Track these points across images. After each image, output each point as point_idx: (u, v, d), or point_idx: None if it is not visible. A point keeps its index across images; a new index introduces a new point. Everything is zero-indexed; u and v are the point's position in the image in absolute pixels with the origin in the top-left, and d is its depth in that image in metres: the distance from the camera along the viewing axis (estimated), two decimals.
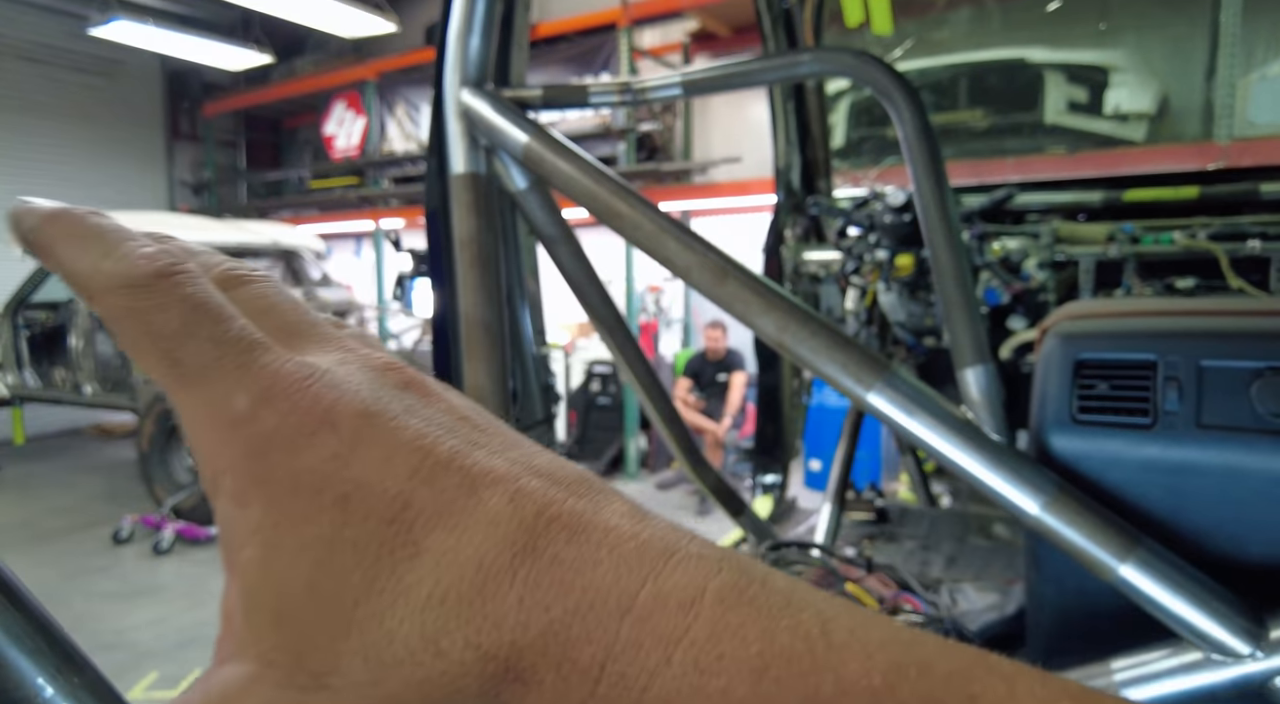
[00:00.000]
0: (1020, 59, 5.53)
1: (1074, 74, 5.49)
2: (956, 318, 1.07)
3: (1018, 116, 5.58)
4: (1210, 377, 0.95)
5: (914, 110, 1.10)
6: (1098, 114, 5.51)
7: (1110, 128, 5.50)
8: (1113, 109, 5.49)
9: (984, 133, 5.76)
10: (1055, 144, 5.57)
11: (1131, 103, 5.48)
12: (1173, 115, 5.72)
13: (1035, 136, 5.60)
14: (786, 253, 2.72)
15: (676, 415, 1.78)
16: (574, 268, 1.48)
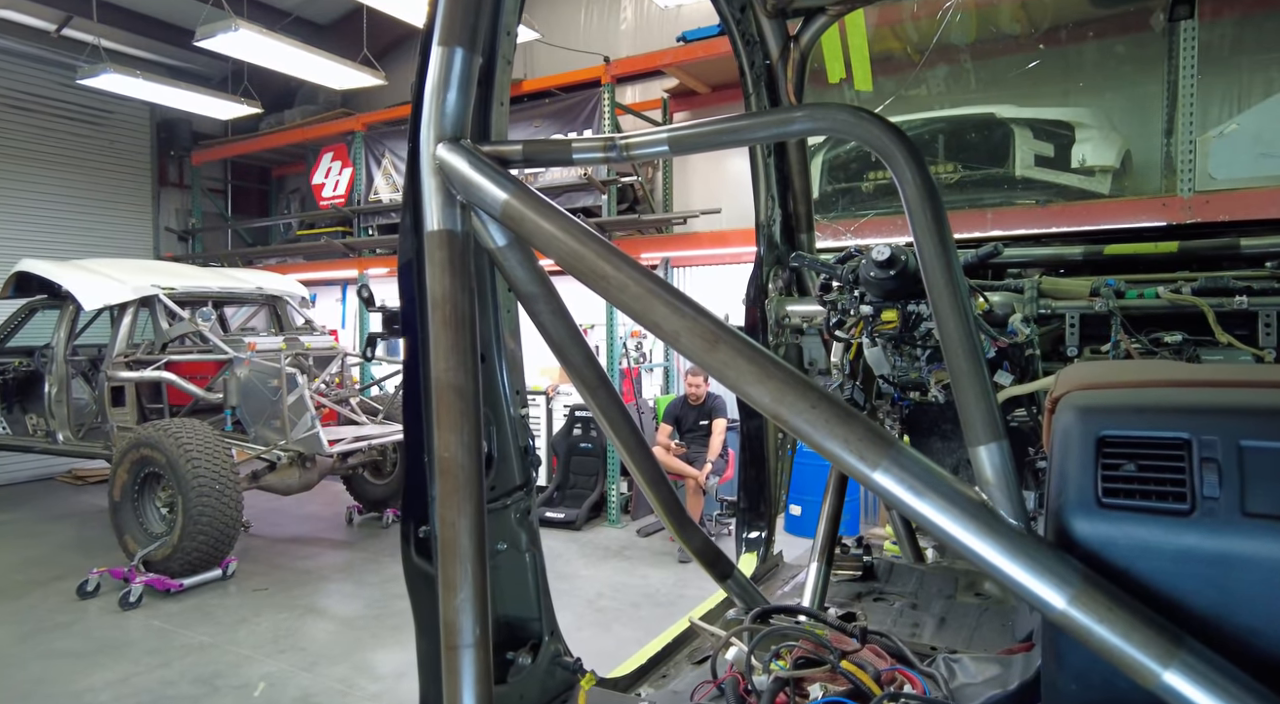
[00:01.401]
0: (991, 115, 5.68)
1: (1041, 130, 5.64)
2: (968, 391, 0.99)
3: (989, 170, 5.72)
4: (1253, 458, 0.86)
5: (916, 167, 1.05)
6: (1065, 168, 5.65)
7: (1077, 181, 5.65)
8: (1079, 163, 5.64)
9: (957, 185, 5.88)
10: (1025, 197, 5.70)
11: (1096, 157, 5.64)
12: (1137, 170, 5.89)
13: (1007, 190, 5.73)
14: (769, 305, 2.70)
15: (661, 477, 1.73)
16: (555, 326, 1.44)
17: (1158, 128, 5.79)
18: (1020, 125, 5.75)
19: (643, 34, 9.20)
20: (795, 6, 2.05)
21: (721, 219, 7.79)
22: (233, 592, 5.75)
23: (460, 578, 1.14)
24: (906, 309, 2.25)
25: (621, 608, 5.44)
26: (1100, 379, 1.07)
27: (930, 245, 1.01)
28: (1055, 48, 5.93)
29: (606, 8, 9.59)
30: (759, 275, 2.79)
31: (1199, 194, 5.20)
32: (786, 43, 2.18)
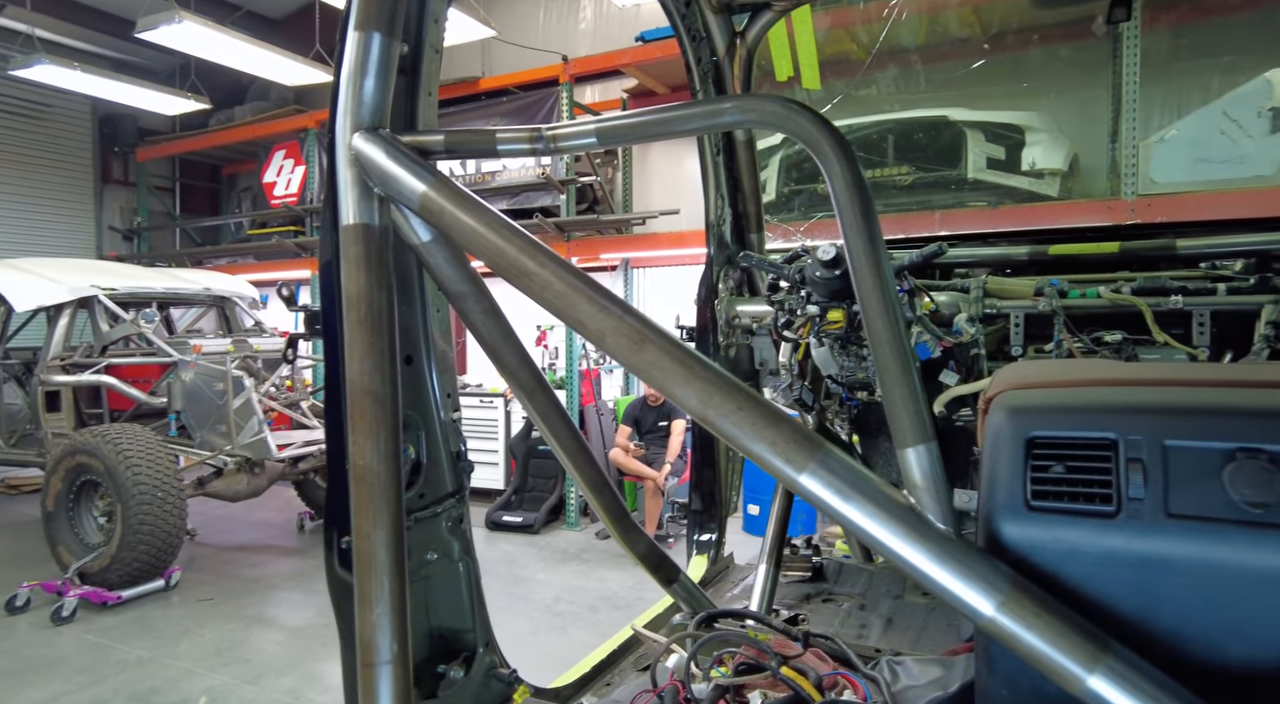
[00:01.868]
0: (944, 117, 5.76)
1: (993, 133, 5.74)
2: (895, 393, 0.97)
3: (942, 172, 5.80)
4: (1177, 458, 0.85)
5: (845, 163, 1.02)
6: (1015, 171, 5.76)
7: (1028, 183, 5.76)
8: (1029, 166, 5.75)
9: (910, 187, 5.96)
10: (978, 199, 5.80)
11: (1046, 160, 5.75)
12: (1083, 173, 6.03)
13: (959, 191, 5.82)
14: (720, 306, 2.68)
15: (604, 480, 1.68)
16: (487, 326, 1.39)
17: (1103, 132, 5.93)
18: (973, 128, 5.84)
19: (602, 33, 9.16)
20: (740, 1, 2.03)
21: (680, 220, 7.78)
22: (176, 603, 5.56)
23: (376, 592, 1.08)
24: (852, 309, 2.24)
25: (579, 612, 5.38)
26: (1033, 379, 1.06)
27: (859, 243, 0.98)
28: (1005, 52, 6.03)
29: (565, 7, 9.53)
30: (709, 275, 2.76)
31: (1141, 197, 5.34)
32: (733, 38, 2.16)
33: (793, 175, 6.00)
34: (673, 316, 3.25)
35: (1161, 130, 5.45)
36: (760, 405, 0.95)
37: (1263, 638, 0.81)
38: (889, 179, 6.01)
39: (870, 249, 0.97)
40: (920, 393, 0.95)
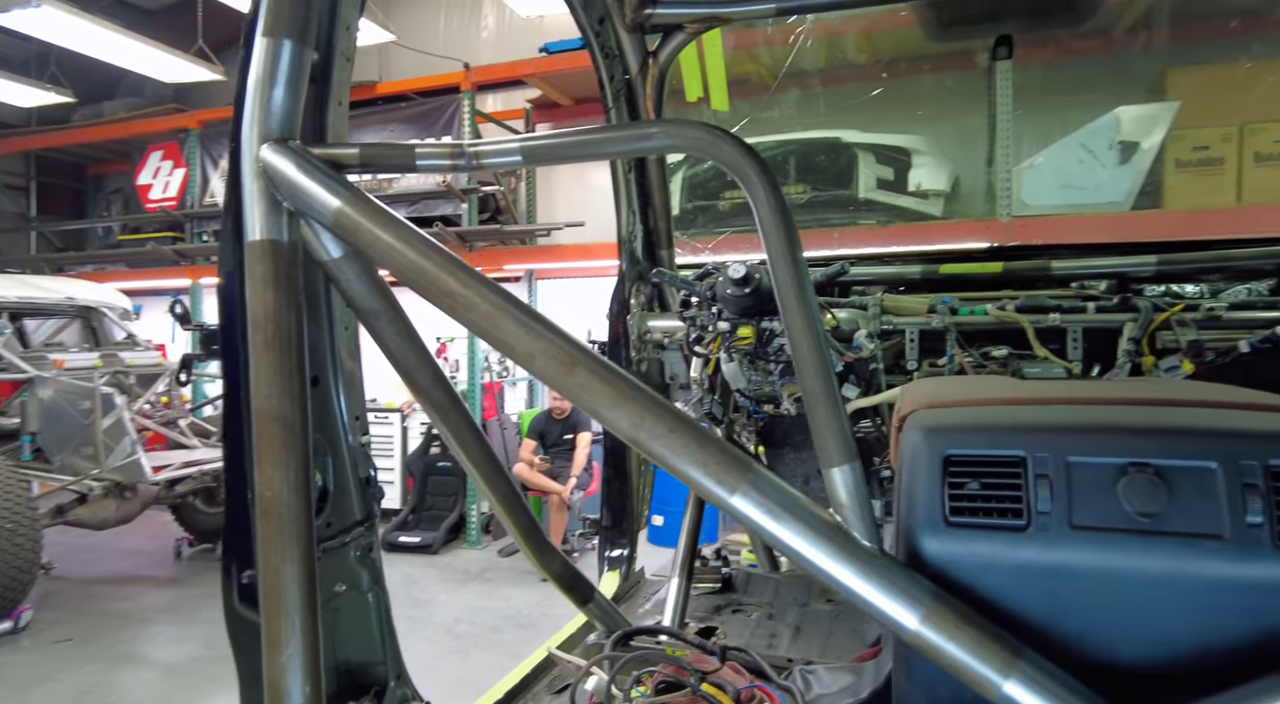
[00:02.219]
0: (837, 139, 6.04)
1: (882, 155, 6.06)
2: (820, 412, 0.98)
3: (836, 191, 6.07)
4: (1079, 473, 0.91)
5: (769, 189, 1.04)
6: (903, 191, 6.10)
7: (914, 203, 6.11)
8: (915, 187, 6.11)
9: (808, 205, 6.20)
10: (869, 217, 6.10)
11: (930, 182, 6.12)
12: (964, 194, 6.45)
13: (852, 210, 6.11)
14: (631, 321, 2.69)
15: (519, 501, 1.65)
16: (399, 345, 1.34)
17: (981, 157, 6.37)
18: (864, 150, 6.14)
19: (505, 42, 9.07)
20: (653, 23, 2.05)
21: (586, 232, 7.79)
22: (27, 646, 5.04)
23: (286, 631, 1.02)
24: (761, 326, 2.30)
25: (481, 633, 5.25)
26: (943, 397, 1.11)
27: (783, 265, 1.00)
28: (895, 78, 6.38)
29: (467, 14, 9.39)
30: (621, 290, 2.77)
31: (1015, 218, 5.75)
32: (645, 58, 2.18)
33: (697, 193, 6.13)
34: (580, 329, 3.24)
35: (1031, 157, 5.90)
36: (691, 427, 0.95)
37: (1152, 636, 0.88)
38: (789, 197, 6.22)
39: (794, 273, 1.00)
40: (843, 413, 0.98)
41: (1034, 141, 6.11)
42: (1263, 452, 0.85)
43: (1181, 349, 2.15)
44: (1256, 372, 2.27)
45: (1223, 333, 2.20)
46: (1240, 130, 5.17)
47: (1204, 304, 2.23)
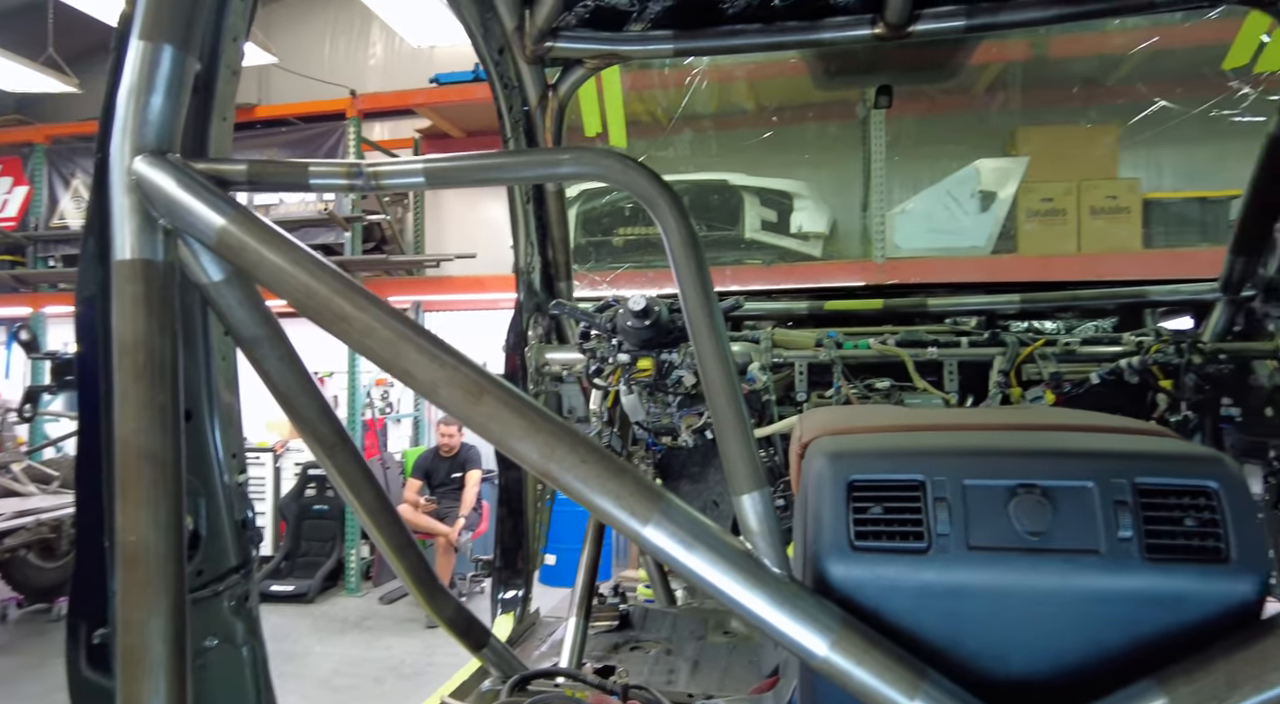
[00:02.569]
0: (725, 181, 6.27)
1: (767, 197, 6.34)
2: (731, 440, 0.98)
3: (725, 231, 6.29)
4: (974, 496, 0.94)
5: (679, 217, 1.05)
6: (786, 232, 6.39)
7: (796, 244, 6.41)
8: (797, 229, 6.42)
9: None
10: (754, 257, 6.35)
11: (811, 224, 6.45)
12: (841, 237, 6.83)
13: (739, 249, 6.33)
14: (528, 353, 2.65)
15: (410, 543, 1.56)
16: (283, 375, 1.25)
17: (858, 202, 6.78)
18: (749, 192, 6.40)
19: (393, 71, 8.89)
20: (552, 56, 2.06)
21: (478, 263, 7.65)
22: None
23: (148, 694, 0.90)
24: (660, 358, 2.32)
25: (361, 684, 4.94)
26: (841, 424, 1.14)
27: (694, 294, 1.01)
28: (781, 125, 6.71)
29: (354, 40, 9.16)
30: (519, 322, 2.73)
31: (889, 259, 6.14)
32: (545, 91, 2.19)
33: (593, 229, 6.18)
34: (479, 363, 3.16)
35: (902, 203, 6.33)
36: (604, 458, 0.93)
37: (1042, 650, 0.93)
38: None
39: (704, 302, 1.00)
40: (753, 441, 0.99)
41: (904, 189, 6.57)
42: (1131, 470, 0.92)
43: (1044, 380, 2.34)
44: (1104, 400, 2.49)
45: (1077, 365, 2.41)
46: (1078, 186, 5.74)
47: (1061, 340, 2.43)
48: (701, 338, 1.00)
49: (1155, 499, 0.91)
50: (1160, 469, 0.92)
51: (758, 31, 1.99)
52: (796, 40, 1.98)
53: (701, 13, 1.97)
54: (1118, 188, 5.79)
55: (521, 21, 1.93)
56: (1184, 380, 2.25)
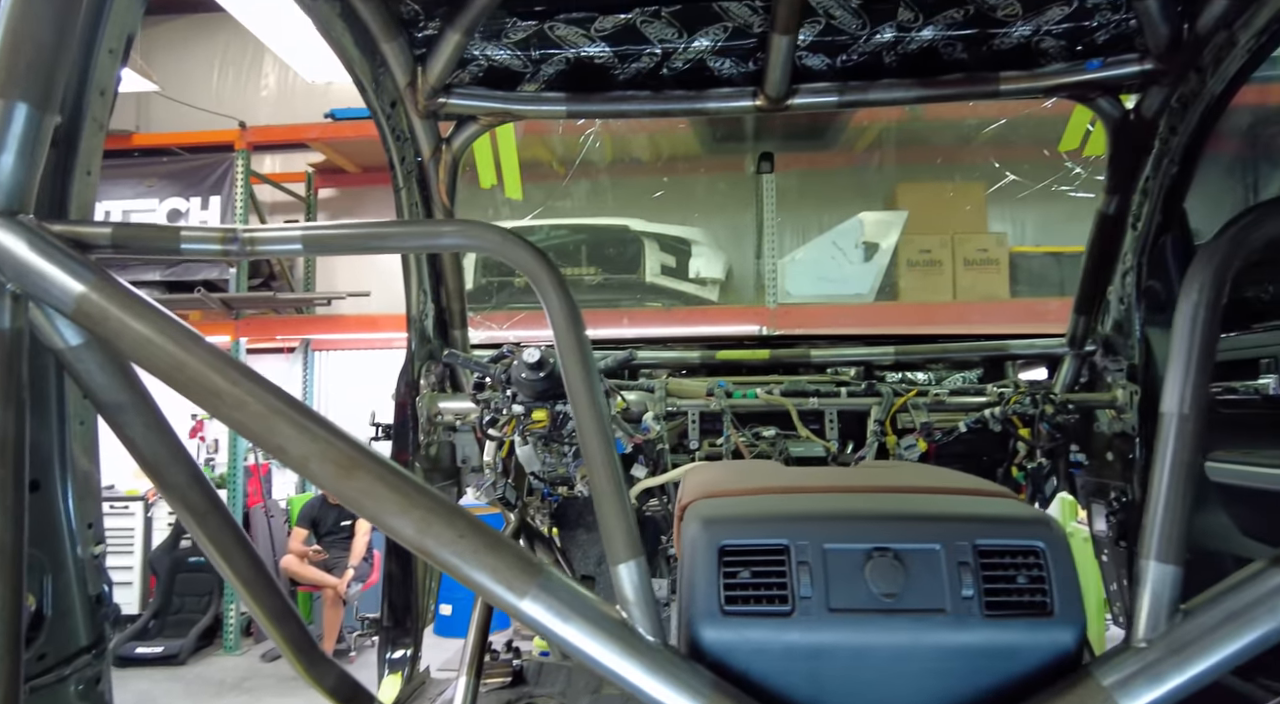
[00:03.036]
0: (625, 227, 6.41)
1: (666, 244, 6.53)
2: (609, 510, 1.01)
3: (625, 275, 6.42)
4: (834, 559, 1.00)
5: (559, 289, 1.08)
6: (684, 278, 6.59)
7: (694, 289, 6.61)
8: (695, 274, 6.62)
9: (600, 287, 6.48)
10: (654, 300, 6.49)
11: (708, 270, 6.67)
12: (737, 283, 7.09)
13: (639, 293, 6.47)
14: (420, 402, 2.60)
15: (287, 610, 1.49)
16: (149, 441, 1.19)
17: (751, 249, 7.06)
18: (650, 238, 6.57)
19: (286, 104, 8.65)
20: (446, 111, 2.08)
21: (371, 302, 7.45)
22: None
23: None
24: (555, 409, 2.33)
25: None
26: (719, 486, 1.19)
27: (573, 365, 1.04)
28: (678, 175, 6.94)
29: (245, 70, 8.87)
30: (410, 370, 2.68)
31: (781, 306, 6.41)
32: (438, 144, 2.19)
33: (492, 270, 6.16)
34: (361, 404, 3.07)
35: (792, 251, 6.63)
36: (481, 532, 0.94)
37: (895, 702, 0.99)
38: (580, 278, 6.49)
39: (584, 375, 1.03)
40: (630, 511, 1.02)
41: (795, 238, 6.91)
42: (972, 532, 1.00)
43: (917, 429, 2.49)
44: (972, 446, 2.67)
45: (947, 414, 2.58)
46: (953, 239, 6.20)
47: (931, 390, 2.60)
48: (581, 409, 1.03)
49: (992, 559, 0.99)
50: (997, 531, 1.01)
51: (647, 98, 2.08)
52: (683, 108, 2.08)
53: (593, 78, 2.04)
54: (987, 241, 6.28)
55: (414, 77, 1.95)
56: (1039, 429, 2.45)
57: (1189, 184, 2.16)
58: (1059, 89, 1.98)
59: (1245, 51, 1.78)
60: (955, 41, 1.94)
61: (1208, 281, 0.99)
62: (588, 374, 1.03)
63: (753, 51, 1.98)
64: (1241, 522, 1.98)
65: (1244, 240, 1.01)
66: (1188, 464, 0.96)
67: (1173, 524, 0.94)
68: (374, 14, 1.71)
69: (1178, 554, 0.94)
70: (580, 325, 1.06)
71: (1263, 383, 1.92)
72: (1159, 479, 0.96)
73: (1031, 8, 1.86)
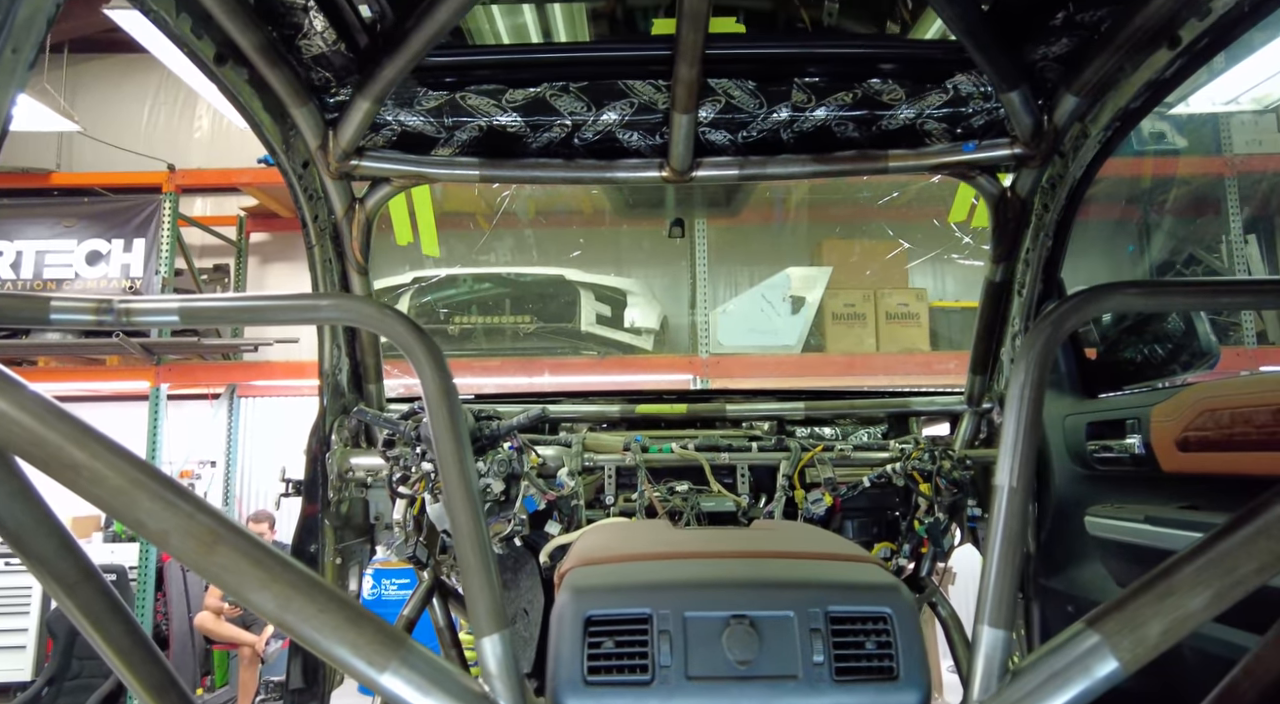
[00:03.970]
0: (561, 277, 6.48)
1: (602, 294, 6.62)
2: (474, 583, 1.01)
3: (560, 324, 6.47)
4: (694, 628, 1.03)
5: (435, 365, 1.10)
6: (620, 327, 6.68)
7: (629, 338, 6.69)
8: (630, 324, 6.72)
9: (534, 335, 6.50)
10: (589, 348, 6.55)
11: (643, 321, 6.78)
12: (671, 333, 7.21)
13: (575, 341, 6.52)
14: (330, 458, 2.56)
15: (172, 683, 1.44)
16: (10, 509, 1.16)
17: (685, 300, 7.21)
18: (585, 288, 6.65)
19: (220, 147, 8.55)
20: (359, 173, 2.11)
21: (300, 348, 7.32)
22: None
23: None
24: None
25: None
26: (597, 553, 1.23)
27: (448, 446, 1.06)
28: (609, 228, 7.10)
29: (178, 113, 8.75)
30: (322, 425, 2.64)
31: (713, 355, 6.54)
32: (352, 203, 2.21)
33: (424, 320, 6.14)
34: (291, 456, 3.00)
35: (724, 303, 6.80)
36: (344, 606, 0.94)
37: None
38: (516, 326, 6.51)
39: (455, 448, 1.05)
40: (495, 584, 1.04)
41: (727, 290, 7.10)
42: (824, 599, 1.05)
43: (821, 484, 2.56)
44: (877, 502, 2.76)
45: (852, 469, 2.66)
46: (875, 293, 6.45)
47: (838, 446, 2.69)
48: (450, 480, 1.05)
49: (843, 626, 1.04)
50: (848, 597, 1.06)
51: (559, 166, 2.15)
52: (594, 176, 2.15)
53: (506, 145, 2.10)
54: (908, 296, 6.55)
55: (325, 141, 1.97)
56: (938, 483, 2.54)
57: (1063, 255, 2.33)
58: (942, 167, 2.12)
59: (1097, 142, 1.95)
60: (846, 121, 2.07)
61: (1032, 362, 1.07)
62: (458, 447, 1.06)
63: (658, 126, 2.07)
64: (1116, 574, 2.10)
65: (1063, 325, 1.10)
66: (1016, 534, 1.03)
67: (1003, 591, 1.01)
68: (282, 81, 1.74)
69: (1008, 619, 1.00)
70: (455, 400, 1.09)
71: (1129, 442, 2.06)
72: (992, 548, 1.03)
73: (913, 93, 2.00)
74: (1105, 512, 2.13)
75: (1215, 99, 6.26)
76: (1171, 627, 0.85)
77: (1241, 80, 5.99)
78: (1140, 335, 2.35)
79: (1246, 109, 6.64)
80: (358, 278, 2.39)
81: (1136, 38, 1.64)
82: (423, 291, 6.37)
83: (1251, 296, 1.19)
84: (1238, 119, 6.97)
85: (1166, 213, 7.42)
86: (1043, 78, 1.89)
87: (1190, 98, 6.43)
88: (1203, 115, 6.92)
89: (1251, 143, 7.00)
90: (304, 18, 1.65)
